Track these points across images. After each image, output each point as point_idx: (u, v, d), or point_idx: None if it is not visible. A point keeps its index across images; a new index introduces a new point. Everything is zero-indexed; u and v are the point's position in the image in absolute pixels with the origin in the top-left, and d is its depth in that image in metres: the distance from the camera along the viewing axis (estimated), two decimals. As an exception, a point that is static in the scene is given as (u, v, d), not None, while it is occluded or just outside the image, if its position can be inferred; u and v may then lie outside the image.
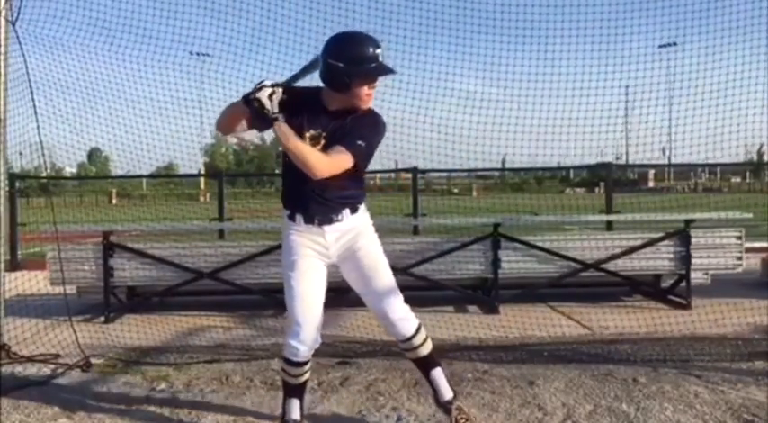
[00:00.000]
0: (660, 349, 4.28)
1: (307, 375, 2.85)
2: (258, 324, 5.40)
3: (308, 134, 2.60)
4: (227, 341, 4.78)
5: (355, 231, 2.76)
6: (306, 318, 2.67)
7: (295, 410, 2.85)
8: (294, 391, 2.86)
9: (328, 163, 2.51)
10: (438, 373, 2.91)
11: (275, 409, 3.22)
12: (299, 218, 2.70)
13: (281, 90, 2.48)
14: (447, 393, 2.90)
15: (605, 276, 5.87)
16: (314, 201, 2.66)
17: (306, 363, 2.78)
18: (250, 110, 2.49)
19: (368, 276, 2.78)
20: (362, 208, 2.80)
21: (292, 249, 2.72)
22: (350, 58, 2.52)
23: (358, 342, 4.65)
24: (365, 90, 2.59)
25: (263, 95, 2.43)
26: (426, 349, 2.87)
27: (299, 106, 2.59)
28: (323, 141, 2.59)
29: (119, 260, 5.66)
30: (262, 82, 2.47)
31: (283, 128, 2.47)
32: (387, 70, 2.61)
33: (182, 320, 5.41)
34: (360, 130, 2.58)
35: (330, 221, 2.69)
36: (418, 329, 2.84)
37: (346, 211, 2.72)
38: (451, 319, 5.26)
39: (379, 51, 2.56)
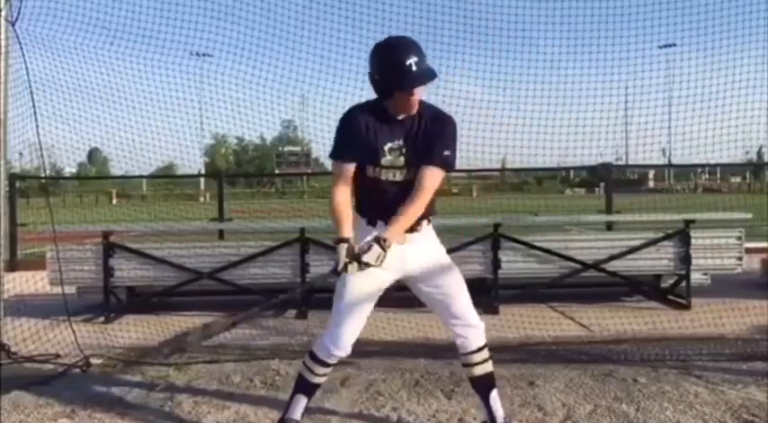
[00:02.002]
0: (660, 349, 4.27)
1: (326, 377, 2.82)
2: (258, 324, 5.39)
3: (386, 147, 2.58)
4: (227, 341, 4.77)
5: (428, 242, 2.75)
6: (350, 327, 2.65)
7: (299, 410, 2.80)
8: (308, 388, 2.80)
9: (432, 186, 2.58)
10: (495, 397, 2.83)
11: (275, 409, 3.23)
12: (380, 224, 2.60)
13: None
14: (500, 416, 2.83)
15: (605, 277, 5.87)
16: (396, 208, 2.58)
17: (334, 364, 2.75)
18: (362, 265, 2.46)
19: (448, 290, 2.73)
20: (431, 218, 2.79)
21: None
22: (384, 71, 2.50)
23: (358, 342, 4.63)
24: (408, 98, 2.54)
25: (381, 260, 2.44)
26: (489, 367, 2.81)
27: (369, 121, 2.58)
28: (404, 150, 2.59)
29: (118, 260, 5.66)
30: (378, 253, 2.44)
31: (395, 238, 2.49)
32: (419, 80, 2.50)
33: (181, 320, 5.40)
34: (441, 140, 2.59)
35: (412, 229, 2.64)
36: (485, 345, 2.79)
37: (424, 222, 2.70)
38: (451, 319, 5.25)
39: (412, 60, 2.46)
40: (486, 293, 5.88)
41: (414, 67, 2.47)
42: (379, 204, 2.65)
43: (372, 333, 4.69)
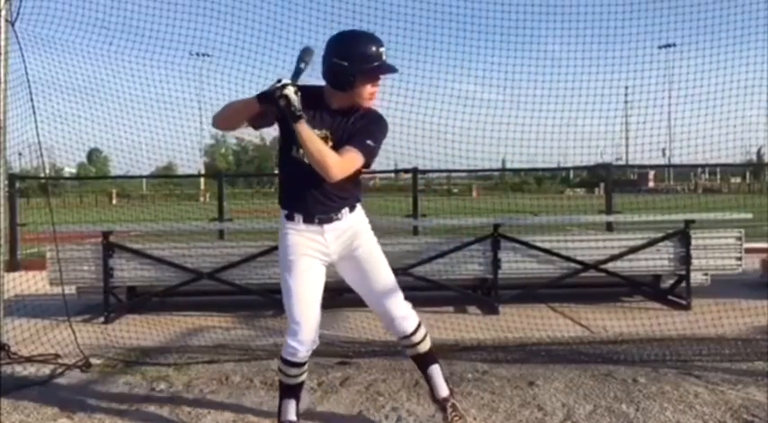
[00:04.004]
0: (660, 350, 4.28)
1: (303, 376, 2.84)
2: (258, 324, 5.40)
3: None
4: (227, 341, 4.78)
5: (353, 230, 2.76)
6: (304, 318, 2.66)
7: (291, 412, 2.83)
8: (290, 391, 2.85)
9: (343, 164, 2.51)
10: (435, 370, 2.91)
11: (275, 409, 3.23)
12: (297, 217, 2.69)
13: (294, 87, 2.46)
14: (443, 391, 2.90)
15: (605, 277, 5.87)
16: (313, 200, 2.65)
17: (303, 364, 2.76)
18: (275, 107, 2.46)
19: (369, 276, 2.78)
20: (359, 207, 2.80)
21: (290, 249, 2.70)
22: (354, 57, 2.52)
23: (358, 342, 4.65)
24: (368, 88, 2.60)
25: (290, 92, 2.40)
26: (425, 346, 2.89)
27: (304, 106, 2.57)
28: (330, 142, 2.58)
29: (118, 260, 5.66)
30: (281, 80, 2.44)
31: (307, 127, 2.46)
32: (390, 69, 2.62)
33: (182, 321, 5.41)
34: (368, 130, 2.59)
35: (330, 220, 2.69)
36: (418, 326, 2.85)
37: (345, 210, 2.72)
38: (451, 319, 5.26)
39: (382, 50, 2.57)
40: (487, 294, 5.89)
41: (384, 57, 2.56)
42: (296, 193, 2.68)
43: (372, 333, 4.70)
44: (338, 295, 5.84)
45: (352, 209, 2.75)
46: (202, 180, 30.38)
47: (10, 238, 7.64)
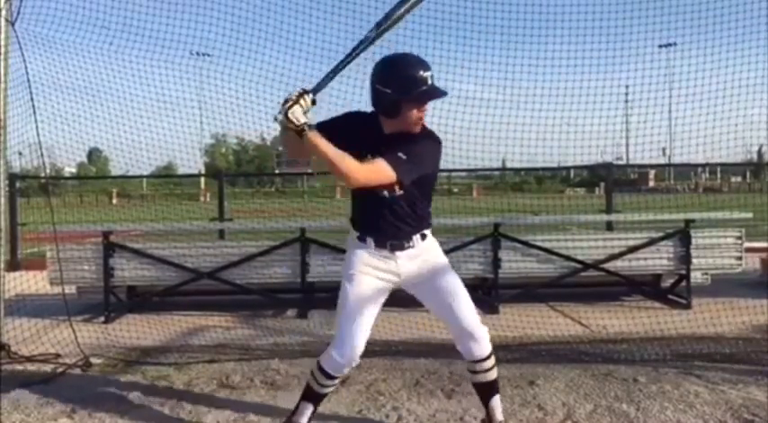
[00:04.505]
0: (660, 349, 4.28)
1: (333, 388, 2.82)
2: (258, 324, 5.40)
3: (366, 160, 2.54)
4: (227, 341, 4.78)
5: (425, 255, 2.72)
6: (353, 336, 2.62)
7: (306, 415, 2.80)
8: (315, 398, 2.80)
9: (363, 170, 2.42)
10: (497, 401, 2.85)
11: (275, 409, 3.23)
12: (369, 241, 2.65)
13: (309, 96, 2.42)
14: (500, 416, 2.85)
15: (605, 276, 5.87)
16: (387, 225, 2.62)
17: (339, 376, 2.74)
18: (286, 130, 2.42)
19: (448, 299, 2.71)
20: (430, 234, 2.76)
21: (354, 264, 2.66)
22: (397, 84, 2.45)
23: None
24: (415, 114, 2.51)
25: (287, 111, 2.36)
26: (494, 374, 2.82)
27: (357, 130, 2.54)
28: None
29: (119, 260, 5.66)
30: (286, 99, 2.39)
31: (310, 136, 2.37)
32: (436, 93, 2.51)
33: (182, 320, 5.41)
34: (403, 145, 2.49)
35: (402, 247, 2.65)
36: (492, 353, 2.80)
37: (417, 237, 2.68)
38: (451, 318, 5.25)
39: (428, 74, 2.47)
40: (487, 293, 5.89)
41: (430, 81, 2.48)
42: (369, 218, 2.65)
43: (372, 333, 4.68)
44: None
45: (423, 237, 2.71)
46: (203, 180, 30.37)
47: (10, 238, 7.64)
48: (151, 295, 5.93)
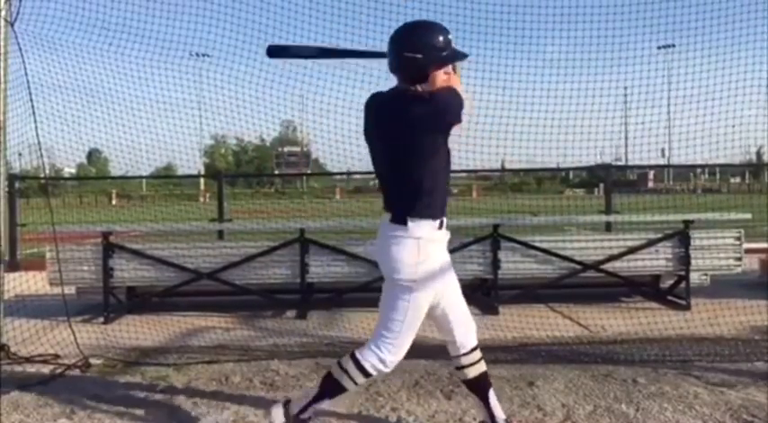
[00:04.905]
0: (659, 350, 4.28)
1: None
2: (258, 324, 5.40)
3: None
4: (227, 341, 4.78)
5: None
6: (408, 344, 2.62)
7: (323, 405, 2.75)
8: (338, 390, 2.71)
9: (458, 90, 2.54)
10: (495, 399, 2.82)
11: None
12: (443, 224, 2.59)
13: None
14: (501, 413, 2.82)
15: (604, 277, 5.87)
16: (444, 200, 2.62)
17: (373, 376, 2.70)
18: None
19: (453, 284, 2.74)
20: None
21: (442, 267, 2.62)
22: (426, 48, 2.50)
23: (358, 342, 4.63)
24: (442, 76, 2.54)
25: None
26: (484, 365, 2.81)
27: (384, 110, 2.57)
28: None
29: (118, 260, 5.66)
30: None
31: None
32: (461, 55, 2.59)
33: (181, 321, 5.41)
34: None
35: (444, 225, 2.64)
36: (477, 343, 2.80)
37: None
38: (451, 319, 5.25)
39: (450, 37, 2.55)
40: (486, 294, 5.89)
41: (453, 43, 2.57)
42: (444, 197, 2.64)
43: (372, 333, 4.69)
44: (339, 296, 5.86)
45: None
46: (202, 180, 30.43)
47: (10, 239, 7.64)
48: (150, 296, 5.93)
